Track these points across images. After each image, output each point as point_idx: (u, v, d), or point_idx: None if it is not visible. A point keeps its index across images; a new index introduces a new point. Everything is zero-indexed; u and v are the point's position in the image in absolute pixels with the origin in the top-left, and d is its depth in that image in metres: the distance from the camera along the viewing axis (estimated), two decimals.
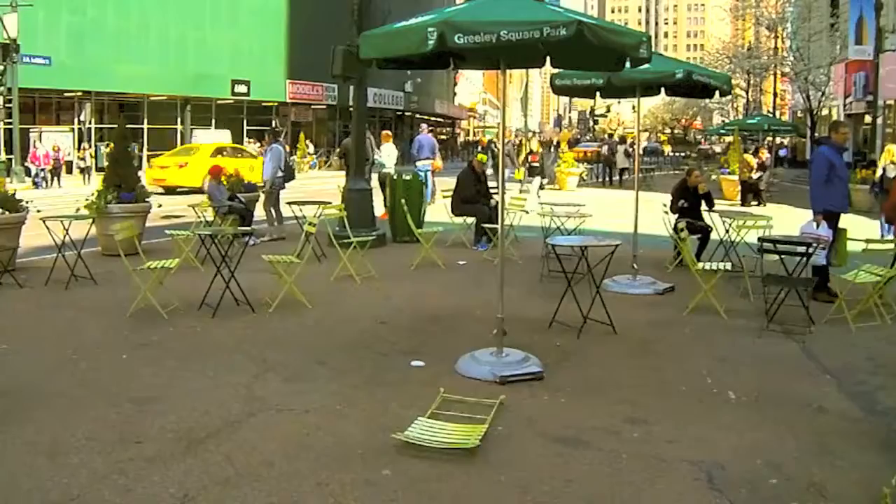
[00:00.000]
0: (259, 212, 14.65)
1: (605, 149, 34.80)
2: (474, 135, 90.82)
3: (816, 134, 40.49)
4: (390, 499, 4.46)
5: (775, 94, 53.40)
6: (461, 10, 6.67)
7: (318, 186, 25.55)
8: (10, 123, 30.96)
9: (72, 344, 7.49)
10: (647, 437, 5.42)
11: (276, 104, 47.43)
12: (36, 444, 5.11)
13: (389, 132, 19.69)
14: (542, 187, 22.64)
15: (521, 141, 30.99)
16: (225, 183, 14.23)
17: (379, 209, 15.10)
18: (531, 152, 20.77)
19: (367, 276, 10.58)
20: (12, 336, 7.79)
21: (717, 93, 10.92)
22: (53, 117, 37.67)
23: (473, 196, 13.54)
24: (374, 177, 16.60)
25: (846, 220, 9.89)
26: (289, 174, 14.87)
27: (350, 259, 10.54)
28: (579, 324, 7.99)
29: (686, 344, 7.92)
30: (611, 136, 40.44)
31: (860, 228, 15.73)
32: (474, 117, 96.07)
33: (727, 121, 55.44)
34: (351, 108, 15.49)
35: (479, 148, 45.49)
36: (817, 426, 5.70)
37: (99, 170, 28.58)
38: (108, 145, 27.31)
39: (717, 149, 57.56)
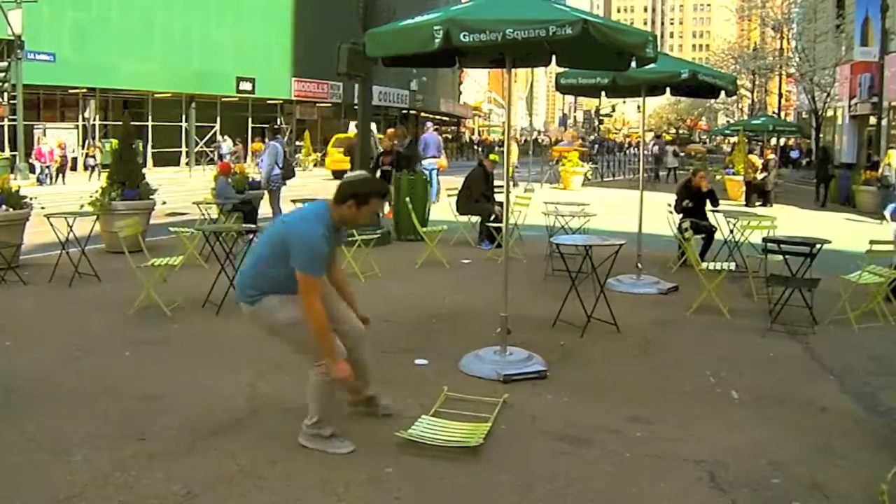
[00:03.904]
0: (264, 209, 14.66)
1: (655, 148, 37.04)
2: (479, 133, 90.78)
3: (821, 135, 40.45)
4: (393, 497, 4.47)
5: (780, 95, 53.31)
6: (467, 8, 6.68)
7: (322, 184, 25.58)
8: (14, 120, 30.99)
9: (75, 341, 7.51)
10: (650, 436, 5.43)
11: (281, 102, 47.44)
12: (39, 441, 5.12)
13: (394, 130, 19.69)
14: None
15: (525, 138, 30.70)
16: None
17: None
18: (383, 153, 16.13)
19: (371, 274, 10.59)
20: (16, 333, 7.80)
21: (722, 93, 10.91)
22: (57, 114, 37.73)
23: (480, 195, 13.56)
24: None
25: (848, 222, 9.88)
26: (288, 172, 14.85)
27: (354, 257, 10.55)
28: (583, 323, 8.01)
29: (689, 343, 7.92)
30: (659, 136, 41.51)
31: (865, 229, 15.75)
32: (479, 116, 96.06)
33: (732, 121, 55.36)
34: (356, 107, 15.48)
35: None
36: (820, 426, 5.70)
37: (105, 167, 28.65)
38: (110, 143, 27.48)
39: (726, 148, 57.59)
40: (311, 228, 4.73)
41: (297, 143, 44.60)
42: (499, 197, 13.10)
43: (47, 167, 30.58)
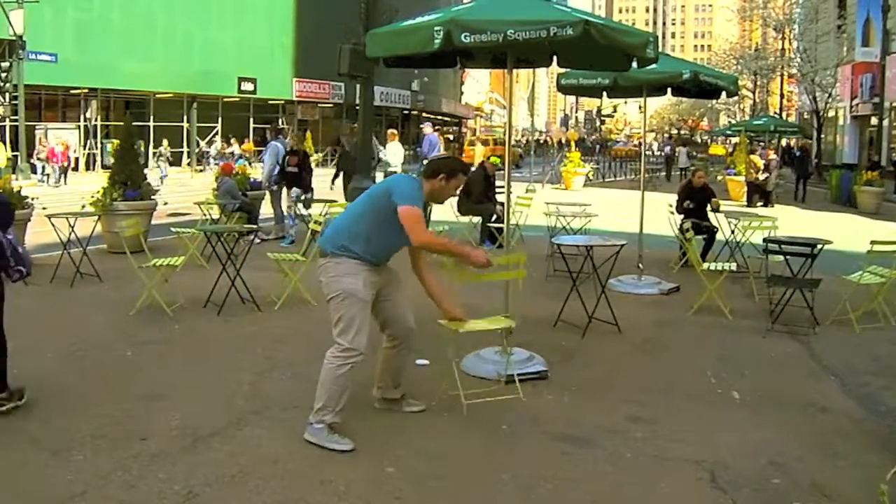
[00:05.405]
0: (265, 209, 14.68)
1: (667, 149, 40.36)
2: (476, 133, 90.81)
3: (822, 136, 40.45)
4: (394, 497, 4.47)
5: (782, 96, 53.29)
6: (468, 8, 6.69)
7: (324, 184, 25.51)
8: (15, 120, 31.01)
9: (77, 341, 7.52)
10: (651, 436, 5.43)
11: (282, 102, 47.48)
12: (40, 441, 5.12)
13: (395, 131, 19.70)
14: (304, 202, 14.12)
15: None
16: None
17: None
18: (289, 153, 14.26)
19: None
20: (17, 333, 7.73)
21: (723, 94, 10.91)
22: (59, 114, 37.79)
23: (481, 195, 13.57)
24: (380, 175, 16.59)
25: (849, 222, 9.88)
26: None
27: None
28: (584, 323, 8.01)
29: (690, 344, 7.93)
30: (670, 137, 43.30)
31: (866, 229, 15.72)
32: (481, 116, 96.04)
33: (734, 122, 55.33)
34: (358, 107, 15.50)
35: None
36: (820, 426, 5.71)
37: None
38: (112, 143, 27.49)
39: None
40: (412, 180, 5.36)
41: (266, 141, 44.33)
42: (500, 197, 13.11)
43: (55, 169, 30.42)
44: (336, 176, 16.18)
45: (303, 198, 13.82)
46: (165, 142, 34.45)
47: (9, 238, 5.60)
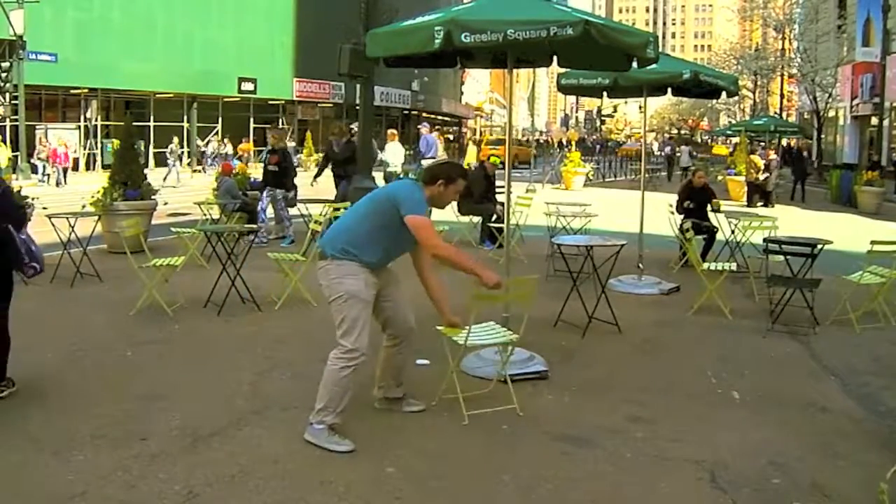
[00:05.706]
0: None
1: (667, 149, 41.13)
2: (481, 133, 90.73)
3: (823, 136, 40.46)
4: (394, 497, 4.47)
5: (782, 96, 53.29)
6: (468, 8, 6.69)
7: (325, 184, 25.50)
8: (16, 120, 30.97)
9: (77, 341, 7.51)
10: (651, 436, 5.43)
11: (282, 102, 47.47)
12: (40, 441, 5.12)
13: (395, 131, 19.71)
14: (290, 202, 14.33)
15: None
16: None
17: None
18: (270, 151, 14.20)
19: None
20: (17, 333, 7.73)
21: (723, 93, 10.91)
22: (59, 114, 37.73)
23: (481, 196, 13.57)
24: (379, 175, 16.61)
25: (849, 222, 9.87)
26: None
27: None
28: (584, 323, 8.01)
29: (691, 344, 7.92)
30: (671, 137, 43.67)
31: (866, 229, 15.73)
32: (481, 116, 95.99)
33: (734, 122, 55.33)
34: (358, 107, 15.48)
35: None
36: (820, 426, 5.71)
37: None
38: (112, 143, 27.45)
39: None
40: (415, 186, 5.33)
41: (266, 141, 44.22)
42: (500, 197, 13.10)
43: (56, 169, 30.34)
44: (318, 174, 16.11)
45: (287, 197, 13.87)
46: (175, 139, 34.19)
47: (22, 238, 5.77)
